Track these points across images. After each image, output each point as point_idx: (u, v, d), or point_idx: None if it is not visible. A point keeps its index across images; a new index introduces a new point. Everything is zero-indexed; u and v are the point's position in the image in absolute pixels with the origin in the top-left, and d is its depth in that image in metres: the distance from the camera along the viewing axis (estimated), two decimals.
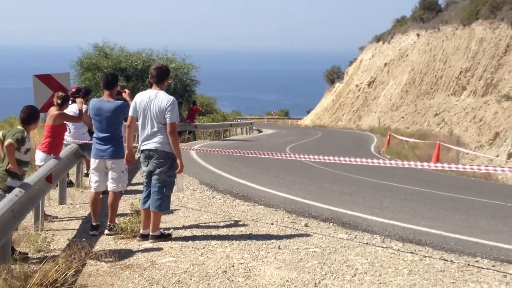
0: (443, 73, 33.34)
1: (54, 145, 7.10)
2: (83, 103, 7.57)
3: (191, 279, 4.63)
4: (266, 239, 5.80)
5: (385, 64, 42.20)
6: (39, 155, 7.07)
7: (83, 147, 8.15)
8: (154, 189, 5.66)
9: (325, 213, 7.19)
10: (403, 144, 22.35)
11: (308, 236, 5.98)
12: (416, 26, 40.56)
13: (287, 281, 4.56)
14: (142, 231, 5.80)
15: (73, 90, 8.52)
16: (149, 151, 5.63)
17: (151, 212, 5.69)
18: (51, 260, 4.63)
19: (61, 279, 4.39)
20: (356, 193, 9.04)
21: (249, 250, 5.40)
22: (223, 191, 8.83)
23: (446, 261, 5.17)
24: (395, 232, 6.22)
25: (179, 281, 4.59)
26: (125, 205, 7.34)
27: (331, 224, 6.65)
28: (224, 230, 6.23)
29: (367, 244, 5.72)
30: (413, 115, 34.35)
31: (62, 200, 7.80)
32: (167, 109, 5.53)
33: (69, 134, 8.52)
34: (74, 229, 6.45)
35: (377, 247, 5.61)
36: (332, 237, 5.99)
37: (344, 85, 48.12)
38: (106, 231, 6.06)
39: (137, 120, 5.72)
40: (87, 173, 8.58)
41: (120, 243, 5.74)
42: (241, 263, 5.00)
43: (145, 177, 5.79)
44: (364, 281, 4.56)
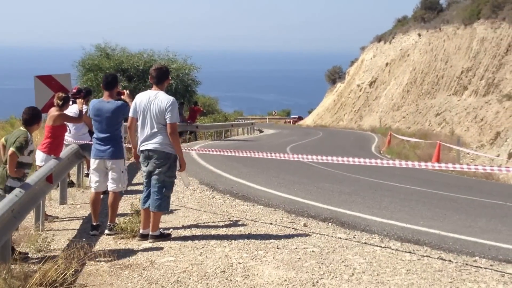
0: (444, 73, 33.32)
1: (55, 145, 7.15)
2: (83, 104, 7.60)
3: (190, 278, 4.66)
4: (265, 239, 5.83)
5: (387, 64, 42.19)
6: (40, 156, 7.11)
7: (84, 147, 8.19)
8: (153, 189, 5.70)
9: (324, 213, 7.21)
10: (404, 144, 22.36)
11: (307, 236, 6.01)
12: (417, 26, 40.55)
13: (285, 280, 4.59)
14: (142, 231, 5.84)
15: (74, 91, 8.56)
16: (149, 151, 5.67)
17: (150, 212, 5.72)
18: (51, 260, 4.66)
19: (60, 278, 4.42)
20: (355, 193, 9.06)
21: (247, 250, 5.43)
22: (223, 191, 8.87)
23: (444, 260, 5.18)
24: (394, 232, 6.24)
25: (178, 280, 4.62)
26: (125, 205, 7.37)
27: (330, 224, 6.67)
28: (223, 230, 6.26)
29: (365, 243, 5.74)
30: (415, 115, 34.34)
31: (63, 200, 7.84)
32: (167, 109, 5.56)
33: (70, 134, 8.55)
34: (75, 229, 6.49)
35: (375, 246, 5.63)
36: (331, 236, 6.01)
37: (345, 85, 48.12)
38: (106, 231, 6.10)
39: (137, 120, 5.76)
40: (88, 174, 8.62)
41: (120, 243, 5.77)
42: (239, 263, 5.03)
43: (145, 177, 5.83)
44: (362, 281, 4.58)
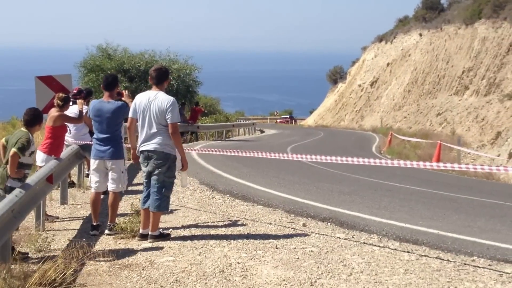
0: (445, 72, 33.31)
1: (55, 146, 7.19)
2: (83, 104, 7.64)
3: (188, 278, 4.68)
4: (264, 239, 5.85)
5: (388, 64, 42.19)
6: (40, 156, 7.15)
7: (84, 148, 8.21)
8: (153, 190, 5.72)
9: (323, 213, 7.23)
10: (404, 144, 22.37)
11: (306, 236, 6.02)
12: (418, 26, 40.57)
13: (284, 280, 4.60)
14: (141, 231, 5.86)
15: (75, 92, 8.59)
16: (148, 152, 5.69)
17: (150, 212, 5.75)
18: (50, 260, 4.68)
19: (59, 278, 4.44)
20: (355, 193, 9.08)
21: (246, 250, 5.45)
22: (222, 191, 8.90)
23: (443, 260, 5.18)
24: (393, 232, 6.25)
25: (177, 280, 4.64)
26: (125, 205, 7.41)
27: (329, 223, 6.69)
28: (222, 230, 6.29)
29: (364, 243, 5.75)
30: (416, 115, 34.34)
31: (64, 200, 7.89)
32: (168, 109, 5.58)
33: (70, 135, 8.59)
34: (75, 229, 6.52)
35: (374, 246, 5.64)
36: (330, 236, 6.02)
37: (346, 85, 48.16)
38: (107, 231, 6.13)
39: (137, 121, 5.79)
40: (88, 174, 8.65)
41: (120, 243, 5.80)
42: (238, 263, 5.05)
43: (144, 177, 5.85)
44: (360, 280, 4.59)
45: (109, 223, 6.18)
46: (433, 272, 4.81)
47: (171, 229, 6.26)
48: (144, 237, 5.81)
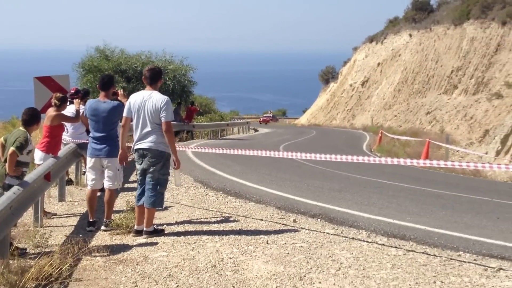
0: (435, 72, 33.64)
1: (52, 144, 7.31)
2: (80, 104, 7.75)
3: (181, 273, 4.76)
4: (255, 235, 5.95)
5: (378, 64, 42.49)
6: (38, 154, 7.27)
7: (82, 146, 8.30)
8: (148, 187, 5.82)
9: (313, 209, 7.34)
10: (394, 142, 22.58)
11: (296, 232, 6.12)
12: (408, 26, 40.92)
13: (274, 274, 4.68)
14: (136, 227, 5.97)
15: (72, 92, 8.68)
16: (143, 150, 5.79)
17: (145, 208, 5.86)
18: (47, 255, 4.75)
19: (55, 273, 4.52)
20: (345, 189, 9.20)
21: (238, 245, 5.54)
22: (216, 188, 9.01)
23: (429, 255, 5.26)
24: (381, 227, 6.33)
25: (170, 275, 4.71)
26: (121, 202, 7.49)
27: (319, 219, 6.78)
28: (215, 226, 6.38)
29: (352, 239, 5.84)
30: (406, 114, 34.65)
31: (62, 197, 8.00)
32: (162, 108, 5.68)
33: (68, 134, 8.69)
34: (72, 225, 6.60)
35: (362, 242, 5.73)
36: (319, 232, 6.12)
37: (338, 84, 48.44)
38: (103, 227, 6.24)
39: (131, 120, 5.88)
40: (85, 172, 8.75)
41: (115, 239, 5.89)
42: (230, 258, 5.14)
43: (139, 175, 5.93)
44: (348, 275, 4.66)
45: (105, 219, 6.29)
46: (419, 267, 4.88)
47: (165, 225, 6.36)
48: (139, 233, 5.92)
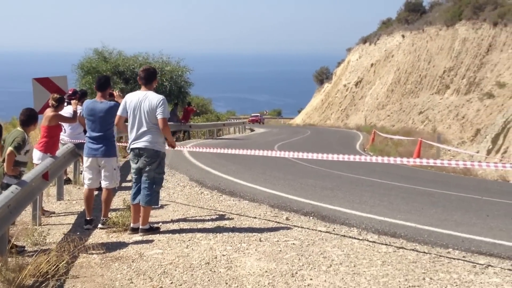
0: (427, 72, 33.90)
1: (50, 144, 7.40)
2: (77, 105, 7.83)
3: (176, 270, 4.84)
4: (248, 232, 6.03)
5: (372, 65, 42.74)
6: (36, 154, 7.36)
7: (79, 146, 8.37)
8: (144, 185, 5.91)
9: (306, 207, 7.42)
10: (387, 142, 22.74)
11: (289, 229, 6.20)
12: (401, 27, 41.20)
13: (266, 271, 4.76)
14: (132, 225, 6.05)
15: (70, 92, 8.75)
16: (139, 149, 5.87)
17: (141, 207, 5.96)
18: (44, 252, 4.82)
19: (52, 270, 4.60)
20: (337, 188, 9.29)
21: (231, 243, 5.63)
22: (211, 187, 9.09)
23: (419, 252, 5.34)
24: (372, 225, 6.41)
25: (164, 272, 4.79)
26: (118, 200, 7.57)
27: (311, 217, 6.87)
28: (209, 224, 6.47)
29: (344, 236, 5.93)
30: (398, 113, 34.89)
31: (60, 196, 8.09)
32: (158, 105, 5.76)
33: (66, 134, 8.77)
34: (70, 223, 6.68)
35: (353, 239, 5.81)
36: (311, 230, 6.20)
37: (332, 85, 48.69)
38: (100, 225, 6.33)
39: (125, 120, 5.97)
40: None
41: (112, 236, 5.97)
42: (223, 255, 5.22)
43: (134, 173, 6.02)
44: (339, 272, 4.74)
45: (102, 218, 6.38)
46: (409, 264, 4.96)
47: (160, 223, 6.45)
48: (134, 230, 6.00)
